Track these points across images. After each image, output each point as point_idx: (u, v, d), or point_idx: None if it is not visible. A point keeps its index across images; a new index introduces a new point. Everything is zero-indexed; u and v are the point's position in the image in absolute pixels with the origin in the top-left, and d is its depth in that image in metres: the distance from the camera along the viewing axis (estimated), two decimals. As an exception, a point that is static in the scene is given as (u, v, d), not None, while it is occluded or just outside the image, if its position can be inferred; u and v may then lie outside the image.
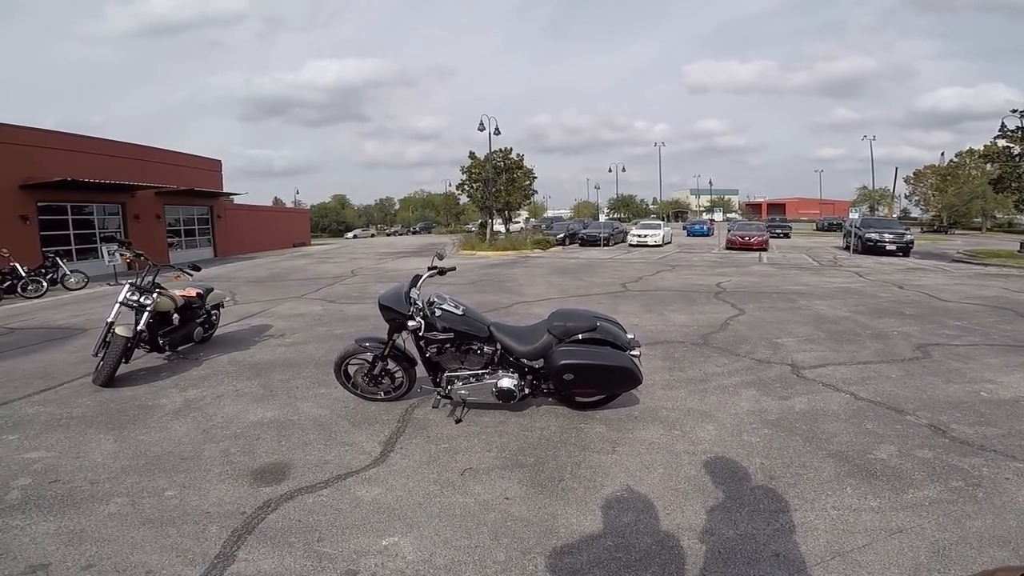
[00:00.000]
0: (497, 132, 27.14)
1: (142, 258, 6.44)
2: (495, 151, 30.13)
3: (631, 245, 28.04)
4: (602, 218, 56.27)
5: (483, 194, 30.32)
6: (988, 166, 29.90)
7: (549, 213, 76.39)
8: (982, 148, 25.44)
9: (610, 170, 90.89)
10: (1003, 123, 20.64)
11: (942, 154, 60.96)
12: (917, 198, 61.56)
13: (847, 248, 23.37)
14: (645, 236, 28.07)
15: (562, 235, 31.15)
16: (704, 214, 79.78)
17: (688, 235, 40.83)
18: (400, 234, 62.81)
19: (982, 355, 6.01)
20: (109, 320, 5.49)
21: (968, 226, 50.29)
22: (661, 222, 33.69)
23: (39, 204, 17.68)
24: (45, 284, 13.28)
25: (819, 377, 5.30)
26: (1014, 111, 20.06)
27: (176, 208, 24.81)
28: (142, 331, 5.57)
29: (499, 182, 30.40)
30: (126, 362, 5.43)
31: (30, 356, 6.69)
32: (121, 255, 13.89)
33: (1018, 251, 20.47)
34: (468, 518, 2.93)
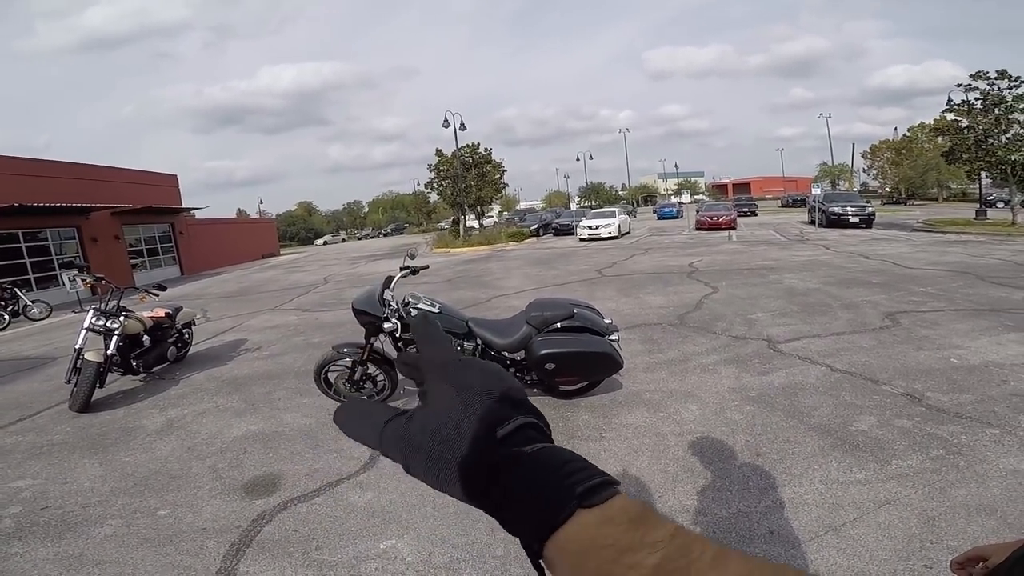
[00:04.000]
0: (463, 128, 27.04)
1: (103, 282, 6.26)
2: (463, 147, 30.01)
3: (580, 239, 24.22)
4: (573, 207, 56.51)
5: (453, 191, 30.17)
6: (939, 139, 30.76)
7: (521, 205, 76.51)
8: (932, 122, 26.23)
9: (578, 159, 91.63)
10: (950, 97, 21.26)
11: (895, 129, 62.87)
12: (874, 172, 63.14)
13: (812, 222, 23.84)
14: (597, 228, 24.27)
15: (535, 226, 31.25)
16: (672, 197, 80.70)
17: (658, 218, 41.24)
18: (371, 237, 62.20)
19: (949, 320, 6.19)
20: (77, 347, 5.34)
21: (925, 197, 51.81)
22: (616, 209, 28.90)
23: (-12, 232, 17.01)
24: (7, 317, 12.90)
25: (795, 351, 5.41)
26: (959, 85, 20.72)
27: (135, 227, 24.13)
28: (113, 355, 5.43)
29: (468, 177, 30.27)
30: (101, 386, 5.30)
31: (1, 388, 6.47)
32: (82, 280, 13.49)
33: (974, 218, 21.21)
34: (463, 515, 2.94)
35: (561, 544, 0.31)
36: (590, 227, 24.50)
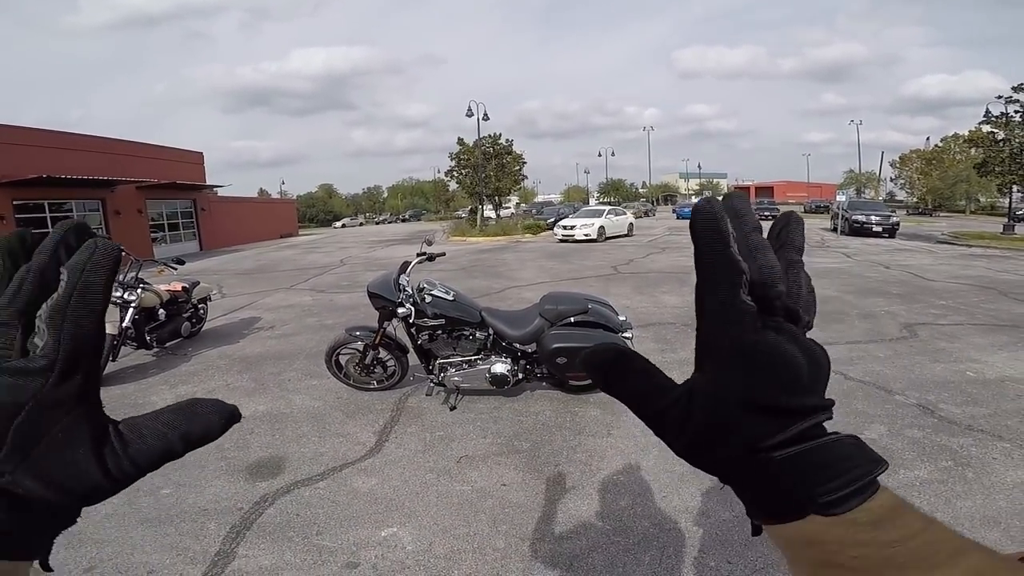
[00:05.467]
0: (486, 118, 27.03)
1: (123, 253, 6.31)
2: (484, 137, 30.04)
3: (559, 240, 21.49)
4: (592, 202, 56.29)
5: (473, 180, 30.25)
6: (972, 150, 30.19)
7: (539, 198, 76.14)
8: (967, 133, 25.72)
9: (599, 155, 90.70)
10: (988, 109, 20.84)
11: (927, 139, 61.69)
12: (902, 181, 62.10)
13: (835, 230, 23.52)
14: (572, 229, 21.42)
15: (552, 220, 31.05)
16: (693, 197, 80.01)
17: (677, 218, 41.09)
18: (389, 222, 62.50)
19: (967, 334, 6.08)
20: None
21: (952, 209, 50.94)
22: (607, 208, 25.54)
23: (15, 203, 17.27)
24: None
25: (809, 358, 5.33)
26: (999, 97, 20.28)
27: (158, 202, 24.41)
28: (128, 328, 5.49)
29: (489, 168, 30.30)
30: (113, 360, 5.36)
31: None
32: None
33: (1001, 233, 20.76)
34: (466, 506, 2.94)
35: (784, 532, 0.31)
36: (565, 227, 21.86)
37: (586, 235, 21.11)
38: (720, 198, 0.33)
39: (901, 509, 0.31)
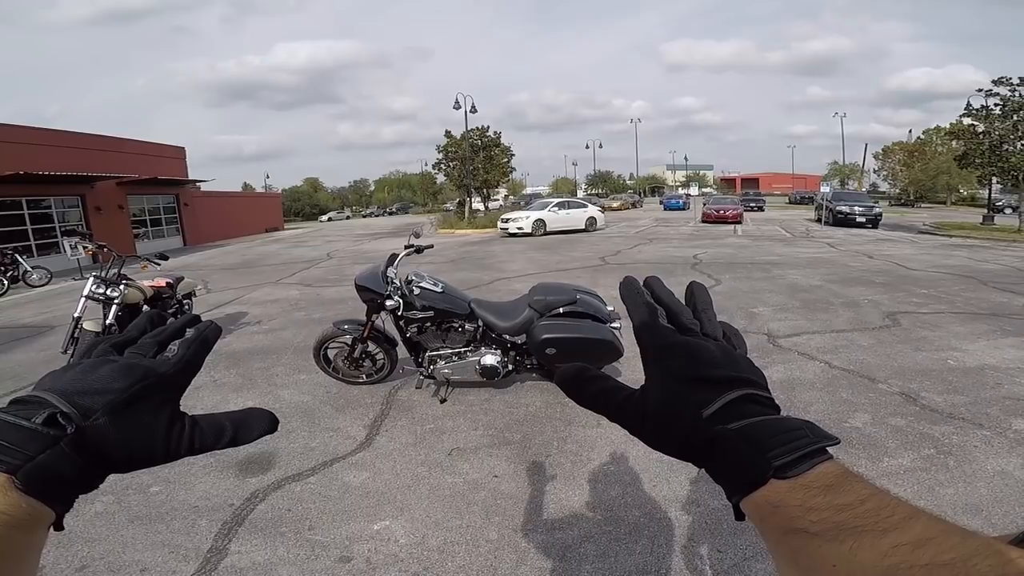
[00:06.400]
0: (473, 110, 26.82)
1: (106, 249, 6.21)
2: (472, 129, 29.88)
3: (499, 233, 21.54)
4: (580, 194, 56.33)
5: (460, 172, 30.11)
6: (954, 143, 30.39)
7: (528, 190, 76.15)
8: (948, 126, 25.83)
9: (587, 147, 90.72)
10: (969, 102, 20.99)
11: (910, 131, 62.18)
12: (885, 173, 62.72)
13: (819, 220, 23.77)
14: (507, 223, 21.08)
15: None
16: (680, 189, 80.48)
17: (664, 209, 41.26)
18: (376, 215, 62.08)
19: (948, 323, 6.18)
20: (76, 316, 5.32)
21: (934, 200, 51.55)
22: (554, 199, 24.70)
23: (-9, 200, 16.95)
24: (6, 282, 12.76)
25: (794, 346, 5.40)
26: (980, 91, 20.46)
27: (140, 198, 24.02)
28: (112, 325, 5.40)
29: (476, 160, 30.16)
30: (99, 355, 5.27)
31: (-3, 354, 6.48)
32: (84, 248, 13.41)
33: (981, 223, 21.10)
34: (458, 498, 2.95)
35: (753, 501, 0.36)
36: (504, 220, 21.58)
37: (519, 228, 20.43)
38: (642, 281, 0.50)
39: (850, 476, 0.35)
